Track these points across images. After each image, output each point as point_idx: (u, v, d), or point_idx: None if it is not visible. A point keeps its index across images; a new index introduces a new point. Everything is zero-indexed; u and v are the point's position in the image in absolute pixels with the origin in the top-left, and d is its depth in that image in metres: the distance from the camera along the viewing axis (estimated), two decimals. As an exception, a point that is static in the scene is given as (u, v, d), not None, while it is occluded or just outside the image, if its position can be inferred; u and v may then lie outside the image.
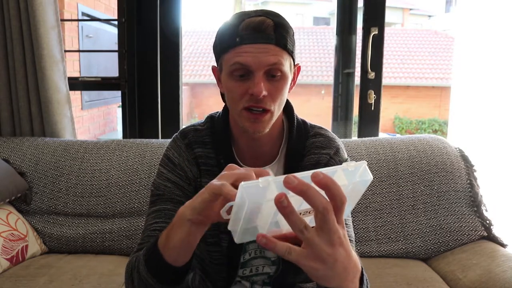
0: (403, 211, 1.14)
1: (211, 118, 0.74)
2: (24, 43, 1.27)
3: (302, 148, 0.70)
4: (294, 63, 0.66)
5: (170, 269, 0.51)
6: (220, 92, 0.71)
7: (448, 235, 1.11)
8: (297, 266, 0.80)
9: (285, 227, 0.37)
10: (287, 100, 0.71)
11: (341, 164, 0.70)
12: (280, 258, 0.73)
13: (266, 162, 0.70)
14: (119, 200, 1.17)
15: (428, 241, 1.11)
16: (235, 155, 0.70)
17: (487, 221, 1.12)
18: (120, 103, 1.52)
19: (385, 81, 1.51)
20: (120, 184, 1.18)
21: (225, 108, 0.72)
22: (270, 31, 0.60)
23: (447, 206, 1.13)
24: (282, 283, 0.75)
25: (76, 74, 3.05)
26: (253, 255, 0.74)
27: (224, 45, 0.63)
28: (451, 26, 10.09)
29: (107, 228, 1.16)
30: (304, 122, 0.74)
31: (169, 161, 0.71)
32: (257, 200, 0.35)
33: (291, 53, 0.63)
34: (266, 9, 0.66)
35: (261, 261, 0.75)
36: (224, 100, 0.72)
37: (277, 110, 0.65)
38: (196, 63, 8.28)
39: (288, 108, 0.72)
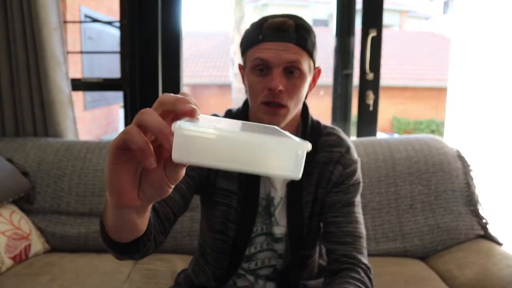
0: (401, 210, 1.16)
1: (229, 111, 0.77)
2: (27, 44, 1.29)
3: (315, 145, 0.73)
4: (314, 65, 0.69)
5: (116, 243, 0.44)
6: (245, 90, 0.74)
7: (446, 234, 1.12)
8: (303, 262, 0.80)
9: None
10: (304, 102, 0.73)
11: (353, 163, 0.72)
12: (288, 252, 0.75)
13: None
14: (121, 200, 1.19)
15: (426, 240, 1.13)
16: None
17: (484, 220, 1.14)
18: (122, 104, 1.53)
19: (383, 82, 1.52)
20: (122, 184, 1.19)
21: (245, 103, 0.75)
22: (291, 31, 0.64)
23: (444, 206, 1.15)
24: (286, 279, 0.77)
25: (79, 75, 3.07)
26: (259, 248, 0.76)
27: (248, 42, 0.68)
28: (448, 28, 10.13)
29: (109, 227, 1.17)
30: (318, 122, 0.77)
31: None
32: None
33: (310, 54, 0.67)
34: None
35: (268, 254, 0.76)
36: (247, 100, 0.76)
37: (293, 107, 0.68)
38: (197, 64, 8.30)
39: (303, 109, 0.75)
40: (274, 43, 0.64)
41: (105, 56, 3.69)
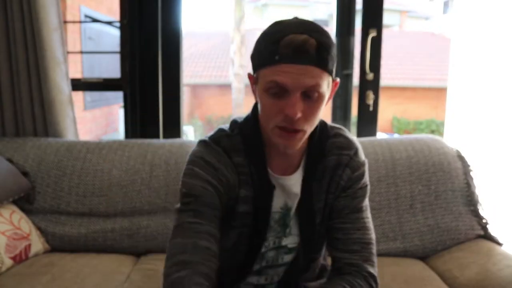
0: (401, 211, 1.16)
1: (239, 125, 0.70)
2: (27, 44, 1.29)
3: (323, 148, 0.70)
4: (333, 79, 0.64)
5: None
6: (255, 99, 0.68)
7: (446, 234, 1.12)
8: (308, 265, 0.75)
9: None
10: None
11: (361, 165, 0.70)
12: (297, 259, 0.73)
13: (294, 169, 0.69)
14: (120, 200, 1.19)
15: (426, 240, 1.13)
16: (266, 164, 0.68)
17: (484, 220, 1.14)
18: (122, 104, 1.53)
19: (383, 82, 1.52)
20: (122, 184, 1.19)
21: (255, 114, 0.69)
22: (312, 51, 0.57)
23: (444, 206, 1.15)
24: (287, 281, 0.76)
25: (79, 75, 3.07)
26: (271, 263, 0.74)
27: (262, 59, 0.60)
28: (448, 28, 10.14)
29: (109, 227, 1.17)
30: (324, 123, 0.73)
31: (208, 165, 0.66)
32: None
33: (331, 72, 0.61)
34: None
35: (278, 269, 0.74)
36: (256, 105, 0.70)
37: (310, 128, 0.63)
38: (197, 64, 8.30)
39: None
40: (293, 65, 0.57)
41: (105, 56, 3.69)
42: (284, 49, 0.57)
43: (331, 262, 0.73)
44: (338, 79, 0.66)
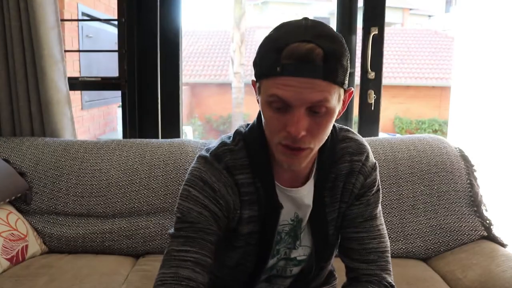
0: (403, 211, 1.14)
1: (243, 136, 0.65)
2: (24, 43, 1.28)
3: (333, 155, 0.66)
4: (345, 89, 0.57)
5: None
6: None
7: (448, 235, 1.11)
8: (317, 273, 0.74)
9: None
10: None
11: (373, 170, 0.67)
12: (305, 269, 0.72)
13: (305, 180, 0.66)
14: (119, 200, 1.18)
15: (428, 241, 1.12)
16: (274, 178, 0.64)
17: (487, 221, 1.12)
18: (120, 103, 1.52)
19: (385, 81, 1.51)
20: (120, 184, 1.18)
21: (260, 123, 0.63)
22: (319, 62, 0.51)
23: (447, 206, 1.14)
24: None
25: (76, 74, 3.06)
26: (281, 272, 0.73)
27: (263, 69, 0.55)
28: (451, 26, 10.10)
29: (107, 228, 1.16)
30: (333, 126, 0.67)
31: (206, 186, 0.61)
32: None
33: (341, 84, 0.55)
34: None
35: (286, 280, 0.73)
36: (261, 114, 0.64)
37: (318, 145, 0.58)
38: (196, 63, 8.29)
39: None
40: (296, 79, 0.51)
41: (103, 54, 3.67)
42: (287, 59, 0.51)
43: (346, 272, 0.70)
44: (352, 89, 0.60)
